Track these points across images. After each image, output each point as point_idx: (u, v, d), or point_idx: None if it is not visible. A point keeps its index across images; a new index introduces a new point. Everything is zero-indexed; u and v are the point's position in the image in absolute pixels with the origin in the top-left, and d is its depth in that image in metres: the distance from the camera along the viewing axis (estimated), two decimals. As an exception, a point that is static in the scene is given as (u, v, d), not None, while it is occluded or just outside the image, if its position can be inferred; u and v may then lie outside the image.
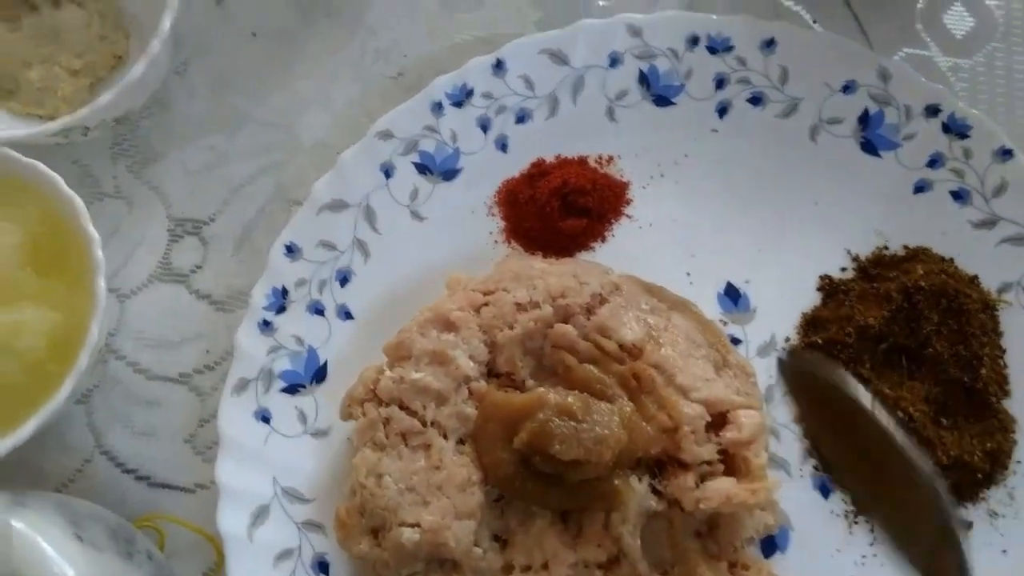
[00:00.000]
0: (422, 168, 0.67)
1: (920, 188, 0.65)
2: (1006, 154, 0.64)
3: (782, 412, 0.63)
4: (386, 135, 0.66)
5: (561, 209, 0.66)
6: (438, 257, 0.67)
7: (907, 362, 0.61)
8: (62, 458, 0.67)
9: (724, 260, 0.66)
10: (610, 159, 0.69)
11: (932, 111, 0.64)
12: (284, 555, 0.61)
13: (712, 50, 0.67)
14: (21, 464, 0.60)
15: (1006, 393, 0.62)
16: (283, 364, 0.63)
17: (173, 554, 0.64)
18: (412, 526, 0.54)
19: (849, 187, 0.66)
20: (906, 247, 0.65)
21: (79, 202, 0.60)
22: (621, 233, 0.67)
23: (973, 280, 0.63)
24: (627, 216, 0.68)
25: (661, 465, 0.57)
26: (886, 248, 0.65)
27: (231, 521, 0.59)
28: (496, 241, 0.68)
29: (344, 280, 0.65)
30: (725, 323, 0.65)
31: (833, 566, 0.61)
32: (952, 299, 0.61)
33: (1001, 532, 0.60)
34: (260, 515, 0.60)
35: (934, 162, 0.65)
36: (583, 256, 0.67)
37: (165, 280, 0.70)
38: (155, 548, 0.60)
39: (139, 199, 0.71)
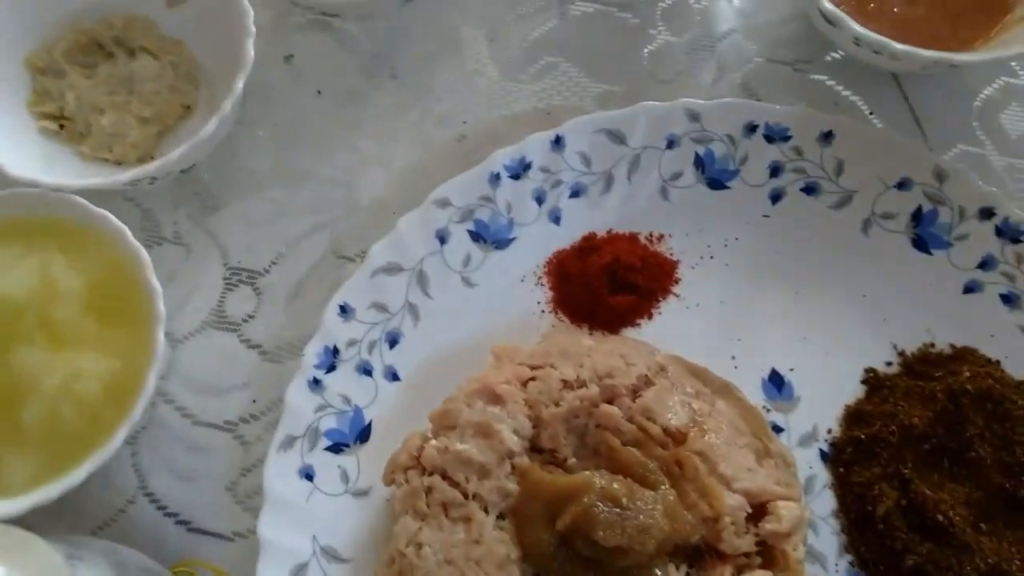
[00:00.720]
0: (476, 236, 0.68)
1: (970, 289, 0.66)
2: (1058, 263, 0.64)
3: (820, 504, 0.62)
4: (444, 203, 0.67)
5: (610, 284, 0.67)
6: (485, 323, 0.68)
7: (949, 464, 0.61)
8: (106, 497, 0.67)
9: (770, 346, 0.66)
10: (661, 237, 0.69)
11: (986, 214, 0.65)
12: (320, 614, 0.61)
13: (769, 138, 0.68)
14: (66, 502, 0.60)
15: (1049, 502, 0.61)
16: (329, 423, 0.64)
17: (208, 601, 0.65)
18: (450, 600, 0.55)
19: (898, 282, 0.67)
20: (953, 346, 0.65)
21: (145, 255, 0.62)
22: (668, 312, 0.68)
23: (1020, 386, 0.62)
24: (675, 295, 0.68)
25: (698, 553, 0.57)
26: (933, 345, 0.65)
27: (271, 577, 0.60)
28: (543, 311, 0.69)
29: (393, 342, 0.66)
30: (768, 410, 0.65)
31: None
32: (998, 404, 0.60)
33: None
34: (299, 573, 0.60)
35: (985, 264, 0.65)
36: (629, 332, 0.67)
37: (217, 328, 0.71)
38: (194, 598, 0.61)
39: (197, 246, 0.73)
